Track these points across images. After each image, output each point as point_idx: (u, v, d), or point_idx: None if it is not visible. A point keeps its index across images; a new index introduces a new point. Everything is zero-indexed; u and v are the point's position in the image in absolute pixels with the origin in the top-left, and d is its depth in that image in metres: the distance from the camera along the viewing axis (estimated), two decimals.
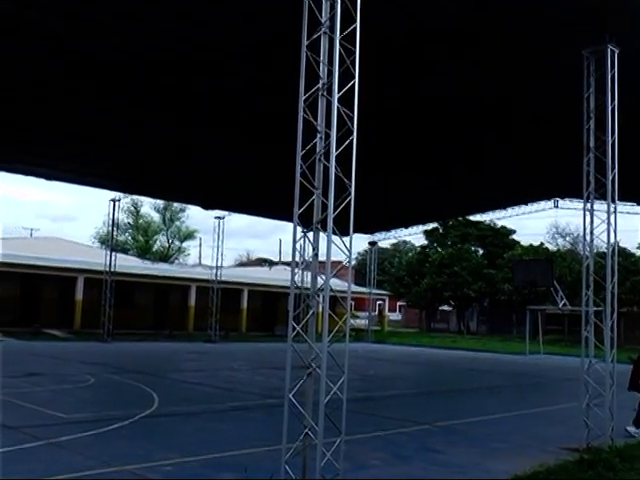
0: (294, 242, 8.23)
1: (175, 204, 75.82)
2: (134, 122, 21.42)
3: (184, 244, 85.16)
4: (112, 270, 40.74)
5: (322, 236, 8.10)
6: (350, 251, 8.36)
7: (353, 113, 8.17)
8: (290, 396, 7.76)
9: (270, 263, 74.20)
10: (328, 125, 8.07)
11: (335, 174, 7.92)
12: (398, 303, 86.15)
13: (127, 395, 17.69)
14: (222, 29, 14.13)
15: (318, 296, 8.09)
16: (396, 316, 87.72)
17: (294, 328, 8.02)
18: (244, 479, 8.65)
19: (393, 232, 45.69)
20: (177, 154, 25.07)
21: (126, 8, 13.44)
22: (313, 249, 8.12)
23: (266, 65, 15.76)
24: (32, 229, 72.17)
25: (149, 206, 79.71)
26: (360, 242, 55.91)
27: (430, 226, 59.69)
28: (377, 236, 47.60)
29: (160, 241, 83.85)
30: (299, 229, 8.23)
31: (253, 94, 17.99)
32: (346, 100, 8.14)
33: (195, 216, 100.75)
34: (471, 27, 13.50)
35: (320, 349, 7.76)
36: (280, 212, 35.04)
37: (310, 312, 8.00)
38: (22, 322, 41.72)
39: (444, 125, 20.37)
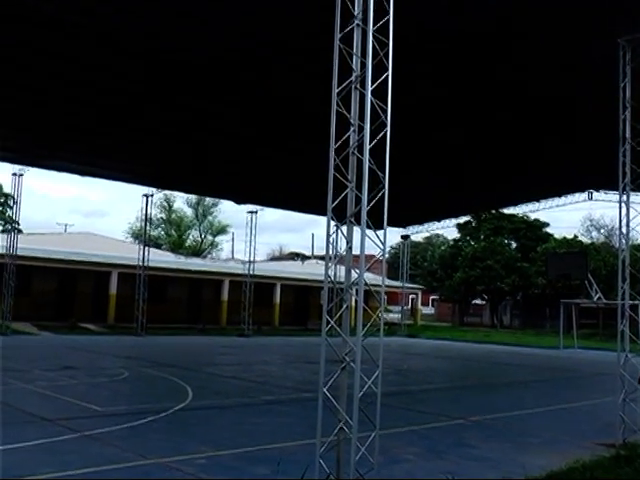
0: (328, 236, 8.20)
1: (208, 199, 76.22)
2: (167, 119, 21.50)
3: (217, 239, 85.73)
4: (145, 265, 41.03)
5: (355, 230, 8.06)
6: (384, 245, 8.31)
7: (387, 106, 8.10)
8: (324, 390, 7.74)
9: (303, 257, 74.26)
10: (361, 118, 8.01)
11: (369, 167, 7.86)
12: (431, 297, 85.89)
13: (161, 388, 17.82)
14: (257, 26, 14.15)
15: (352, 290, 8.05)
16: (429, 310, 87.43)
17: (328, 322, 7.99)
18: (278, 478, 8.65)
19: (426, 225, 45.47)
20: (210, 149, 25.13)
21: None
22: (347, 243, 8.08)
23: (298, 59, 15.74)
24: (66, 224, 72.96)
25: (182, 201, 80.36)
26: (393, 236, 55.84)
27: (463, 219, 59.38)
28: (410, 230, 47.42)
29: (193, 236, 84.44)
30: (332, 223, 8.19)
31: (286, 88, 17.99)
32: (379, 93, 8.08)
33: (228, 211, 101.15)
34: (505, 17, 13.36)
35: (354, 343, 7.72)
36: (313, 206, 35.06)
37: (344, 306, 7.96)
38: (58, 316, 42.21)
39: (479, 117, 20.22)
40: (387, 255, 8.33)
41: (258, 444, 10.81)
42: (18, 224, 39.15)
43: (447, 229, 55.59)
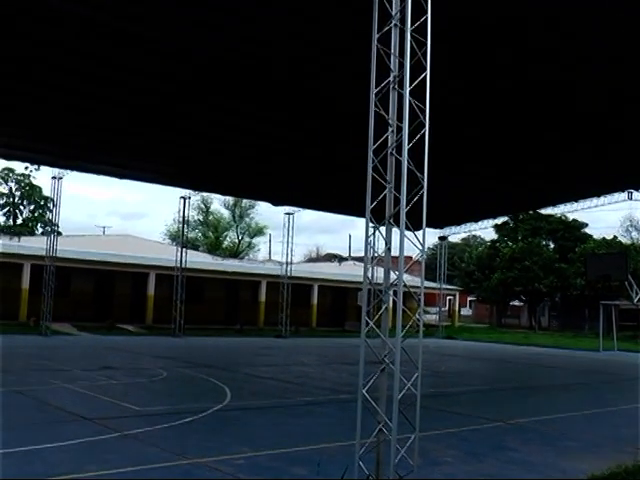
0: (367, 237, 8.18)
1: (244, 201, 76.52)
2: (203, 121, 21.60)
3: (254, 240, 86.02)
4: (183, 266, 41.29)
5: (394, 231, 8.03)
6: (423, 246, 8.27)
7: (425, 106, 8.05)
8: (364, 391, 7.72)
9: (340, 258, 74.21)
10: (399, 118, 7.98)
11: (407, 168, 7.82)
12: (468, 298, 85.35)
13: (199, 389, 17.90)
14: (293, 26, 14.16)
15: (390, 291, 8.01)
16: (466, 311, 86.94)
17: (367, 323, 7.96)
18: (318, 478, 8.65)
19: (463, 226, 45.23)
20: (246, 151, 25.19)
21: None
22: (386, 244, 8.05)
23: (334, 60, 15.73)
24: (104, 227, 73.77)
25: (219, 203, 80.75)
26: (430, 237, 55.63)
27: (500, 220, 58.96)
28: (447, 230, 47.17)
29: (230, 237, 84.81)
30: (371, 224, 8.17)
31: (323, 89, 17.99)
32: (417, 93, 8.04)
33: (264, 212, 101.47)
34: (547, 13, 13.21)
35: (393, 344, 7.69)
36: (349, 207, 35.04)
37: (383, 307, 7.93)
38: (96, 317, 42.68)
39: (515, 117, 20.04)
40: (426, 257, 8.28)
41: (296, 445, 10.82)
42: (57, 226, 39.68)
43: (484, 230, 55.23)
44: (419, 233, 8.09)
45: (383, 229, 8.13)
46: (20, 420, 12.22)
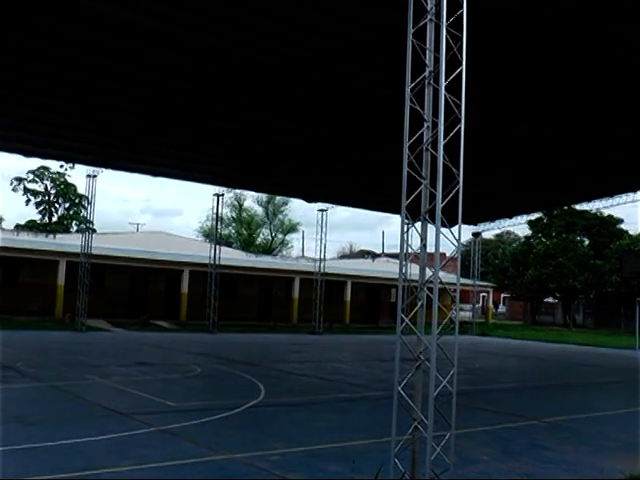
0: (402, 234, 8.13)
1: (278, 198, 76.61)
2: (237, 118, 21.68)
3: (287, 237, 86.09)
4: (217, 263, 41.47)
5: (428, 227, 7.98)
6: (459, 242, 8.21)
7: (460, 101, 7.99)
8: (399, 388, 7.68)
9: (373, 255, 74.06)
10: (435, 114, 7.92)
11: (443, 163, 7.77)
12: (502, 295, 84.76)
13: (234, 385, 17.96)
14: (327, 23, 14.15)
15: (425, 288, 7.95)
16: (500, 308, 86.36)
17: (402, 320, 7.93)
18: (355, 478, 8.63)
19: (497, 222, 44.90)
20: (279, 148, 25.24)
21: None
22: (421, 240, 8.00)
23: (369, 56, 15.68)
24: (138, 224, 74.31)
25: (252, 200, 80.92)
26: (464, 233, 55.23)
27: (534, 216, 58.42)
28: (480, 227, 46.89)
29: (263, 234, 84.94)
30: (405, 220, 8.12)
31: (357, 85, 17.95)
32: (452, 87, 7.98)
33: (298, 209, 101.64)
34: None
35: (429, 341, 7.64)
36: (383, 204, 34.98)
37: (418, 304, 7.89)
38: (130, 314, 43.01)
39: (550, 112, 19.86)
40: (455, 252, 8.23)
41: (331, 441, 10.83)
42: (92, 224, 40.07)
43: (518, 226, 54.82)
44: (454, 229, 8.03)
45: (418, 225, 8.09)
46: (58, 414, 12.43)
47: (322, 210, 43.59)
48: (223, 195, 42.66)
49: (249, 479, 8.54)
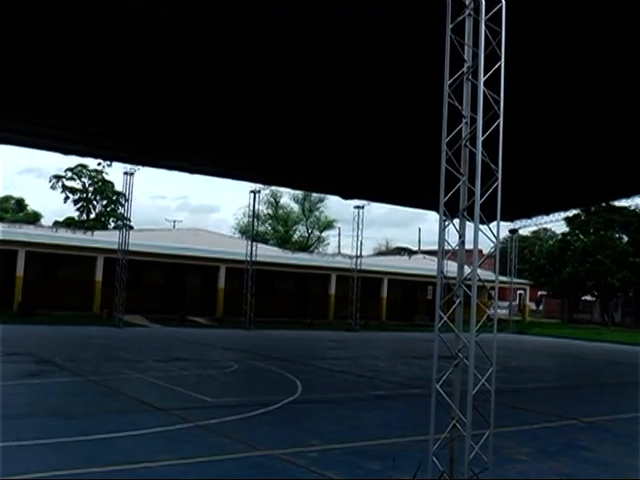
0: (440, 230, 8.08)
1: (314, 194, 76.73)
2: (272, 115, 21.68)
3: (323, 234, 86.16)
4: (253, 260, 41.61)
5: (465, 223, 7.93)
6: (497, 239, 8.15)
7: (499, 96, 7.91)
8: (437, 386, 7.64)
9: (409, 252, 73.83)
10: (474, 109, 7.86)
11: (481, 160, 7.70)
12: (539, 292, 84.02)
13: (270, 381, 18.00)
14: (358, 17, 14.07)
15: (463, 285, 7.89)
16: (537, 306, 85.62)
17: (440, 318, 7.88)
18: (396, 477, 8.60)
19: (534, 219, 44.46)
20: (316, 145, 25.21)
21: None
22: (459, 237, 7.94)
23: (405, 51, 15.57)
24: (174, 221, 74.81)
25: (288, 197, 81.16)
26: (501, 230, 54.78)
27: (572, 213, 57.77)
28: (517, 223, 46.46)
29: (300, 231, 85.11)
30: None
31: (393, 80, 17.84)
32: (491, 83, 7.90)
33: (334, 206, 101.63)
34: None
35: (468, 339, 7.58)
36: (419, 200, 34.77)
37: (457, 301, 7.83)
38: (167, 309, 43.36)
39: (589, 106, 19.57)
40: (494, 249, 8.16)
41: (368, 439, 10.81)
42: (129, 221, 40.39)
43: (555, 223, 54.17)
44: (492, 226, 7.97)
45: (456, 222, 8.03)
46: (96, 409, 12.55)
47: (358, 207, 43.55)
48: (259, 192, 42.77)
49: (291, 479, 8.54)
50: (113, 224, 63.61)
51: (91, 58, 17.18)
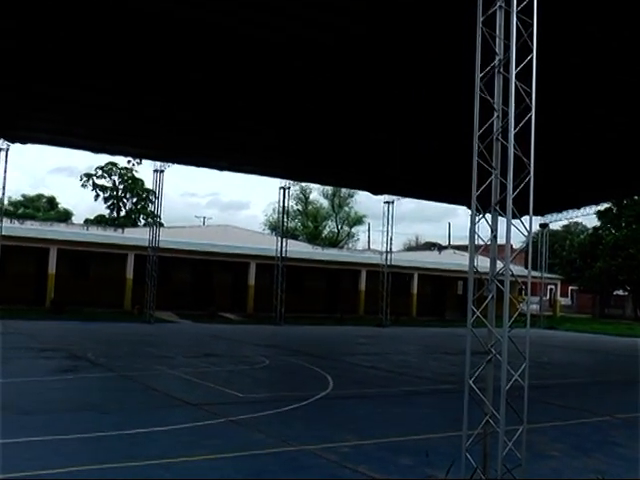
0: (472, 225, 8.03)
1: (343, 190, 76.67)
2: (305, 112, 21.68)
3: (353, 229, 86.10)
4: (283, 256, 41.67)
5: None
6: (530, 234, 8.09)
7: (531, 89, 7.84)
8: (470, 382, 7.59)
9: (439, 247, 73.54)
10: (505, 102, 7.79)
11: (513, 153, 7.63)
12: (570, 287, 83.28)
13: (302, 377, 18.04)
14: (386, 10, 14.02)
15: (495, 281, 7.83)
16: (568, 301, 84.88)
17: (473, 313, 7.82)
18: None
19: (564, 213, 44.05)
20: (346, 140, 25.18)
21: None
22: (491, 232, 7.88)
23: (437, 44, 15.49)
24: (204, 217, 75.12)
25: (317, 193, 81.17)
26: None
27: (603, 206, 57.10)
28: (548, 217, 46.04)
29: (329, 227, 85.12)
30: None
31: (421, 74, 17.77)
32: (522, 75, 7.83)
33: (363, 201, 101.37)
34: None
35: (501, 335, 7.53)
36: (449, 195, 34.63)
37: (489, 297, 7.78)
38: (197, 306, 43.56)
39: (623, 98, 19.33)
40: (524, 244, 8.10)
41: (400, 434, 10.78)
42: (159, 218, 40.61)
43: (586, 217, 53.72)
44: (523, 220, 7.91)
45: (488, 216, 7.97)
46: (130, 404, 12.67)
47: (388, 202, 43.44)
48: (289, 188, 42.86)
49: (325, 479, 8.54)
50: (143, 221, 63.95)
51: (128, 60, 17.35)
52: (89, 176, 64.11)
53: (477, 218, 8.05)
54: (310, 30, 15.16)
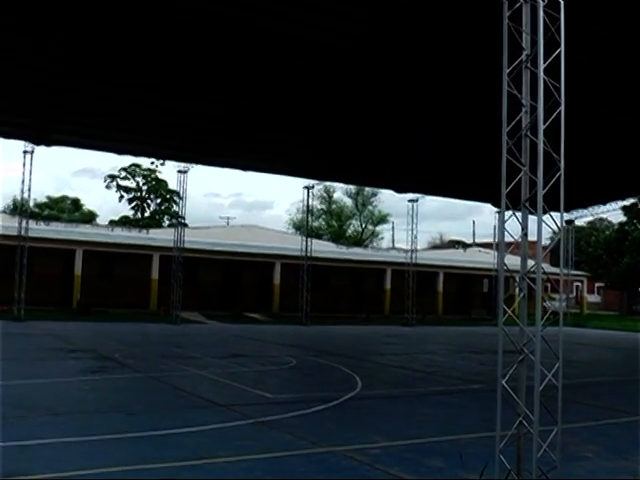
0: (502, 222, 7.94)
1: (367, 189, 76.60)
2: (327, 111, 21.63)
3: (377, 228, 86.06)
4: (308, 255, 41.65)
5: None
6: (561, 230, 7.96)
7: (560, 84, 7.71)
8: (503, 382, 7.47)
9: (464, 245, 73.24)
10: (533, 98, 7.67)
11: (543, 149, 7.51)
12: (596, 284, 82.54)
13: (330, 377, 17.96)
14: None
15: (526, 278, 7.70)
16: (594, 298, 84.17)
17: (504, 312, 7.71)
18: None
19: (590, 209, 43.63)
20: (369, 139, 25.09)
21: None
22: (522, 229, 7.76)
23: (461, 41, 15.37)
24: (228, 218, 75.33)
25: (341, 192, 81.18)
26: (557, 220, 53.95)
27: (629, 201, 56.42)
28: (573, 214, 45.62)
29: (354, 226, 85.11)
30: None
31: (449, 73, 17.66)
32: (550, 70, 7.71)
33: (387, 200, 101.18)
34: None
35: (533, 333, 7.40)
36: (474, 193, 34.43)
37: (520, 295, 7.66)
38: (223, 306, 43.69)
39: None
40: (549, 241, 7.99)
41: (430, 435, 10.64)
42: (184, 218, 40.76)
43: (612, 212, 53.04)
44: (548, 217, 7.80)
45: (518, 214, 7.85)
46: (158, 405, 12.67)
47: (412, 200, 43.28)
48: (313, 187, 42.86)
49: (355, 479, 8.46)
50: (167, 222, 64.27)
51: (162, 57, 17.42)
52: (113, 177, 64.59)
53: (508, 216, 7.94)
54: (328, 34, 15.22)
